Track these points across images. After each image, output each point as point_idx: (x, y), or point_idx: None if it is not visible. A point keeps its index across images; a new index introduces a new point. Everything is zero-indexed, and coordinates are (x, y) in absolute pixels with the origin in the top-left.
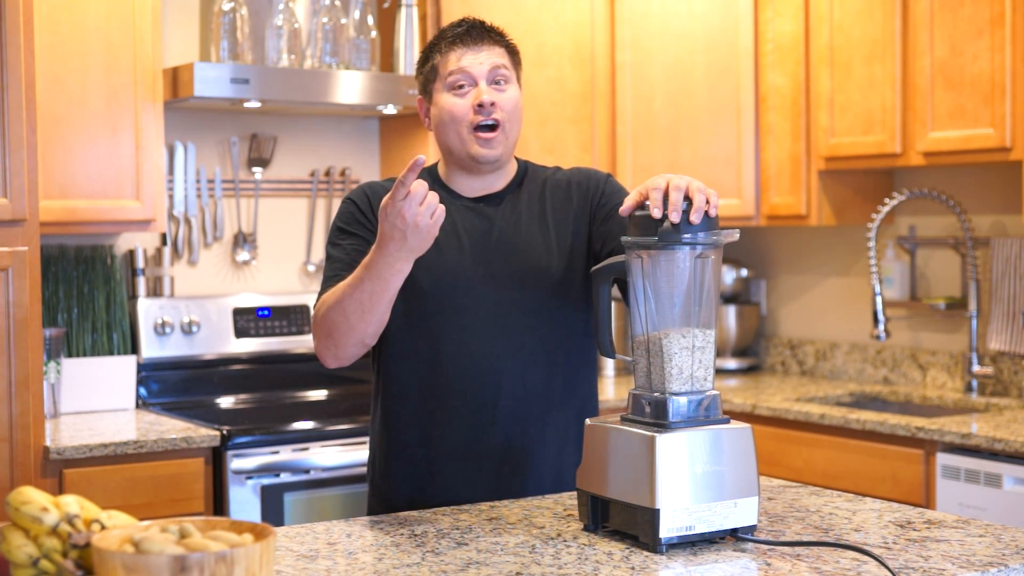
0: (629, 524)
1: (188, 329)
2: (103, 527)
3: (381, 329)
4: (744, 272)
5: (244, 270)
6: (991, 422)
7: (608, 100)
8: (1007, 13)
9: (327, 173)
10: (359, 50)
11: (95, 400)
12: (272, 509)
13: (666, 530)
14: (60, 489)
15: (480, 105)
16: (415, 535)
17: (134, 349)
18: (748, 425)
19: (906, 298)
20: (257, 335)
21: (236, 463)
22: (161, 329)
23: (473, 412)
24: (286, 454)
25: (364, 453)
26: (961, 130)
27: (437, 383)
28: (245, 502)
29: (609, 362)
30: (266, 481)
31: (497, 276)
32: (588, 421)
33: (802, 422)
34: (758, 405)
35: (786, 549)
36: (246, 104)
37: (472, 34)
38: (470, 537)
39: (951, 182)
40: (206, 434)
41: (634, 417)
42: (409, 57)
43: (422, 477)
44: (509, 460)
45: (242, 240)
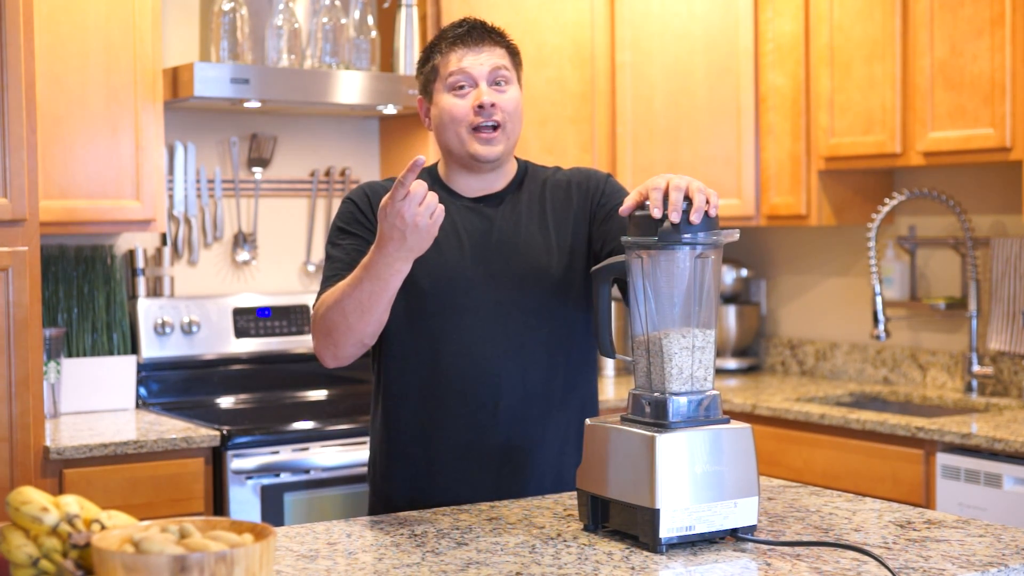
0: (629, 524)
1: (188, 329)
2: (103, 527)
3: (380, 329)
4: (744, 272)
5: (244, 270)
6: (991, 422)
7: (608, 100)
8: (1007, 13)
9: (327, 173)
10: (359, 50)
11: (95, 400)
12: (272, 509)
13: (666, 530)
14: (60, 489)
15: (480, 106)
16: (415, 535)
17: (134, 349)
18: (748, 425)
19: (906, 298)
20: (257, 335)
21: (236, 463)
22: (161, 329)
23: (473, 412)
24: (286, 454)
25: (364, 453)
26: (961, 130)
27: (437, 383)
28: (245, 502)
29: (609, 362)
30: (266, 481)
31: (497, 276)
32: (588, 421)
33: (802, 422)
34: (758, 405)
35: (786, 549)
36: (246, 104)
37: (473, 35)
38: (470, 537)
39: (951, 182)
40: (206, 434)
41: (634, 417)
42: (409, 57)
43: (422, 477)
44: (509, 460)
45: (242, 240)
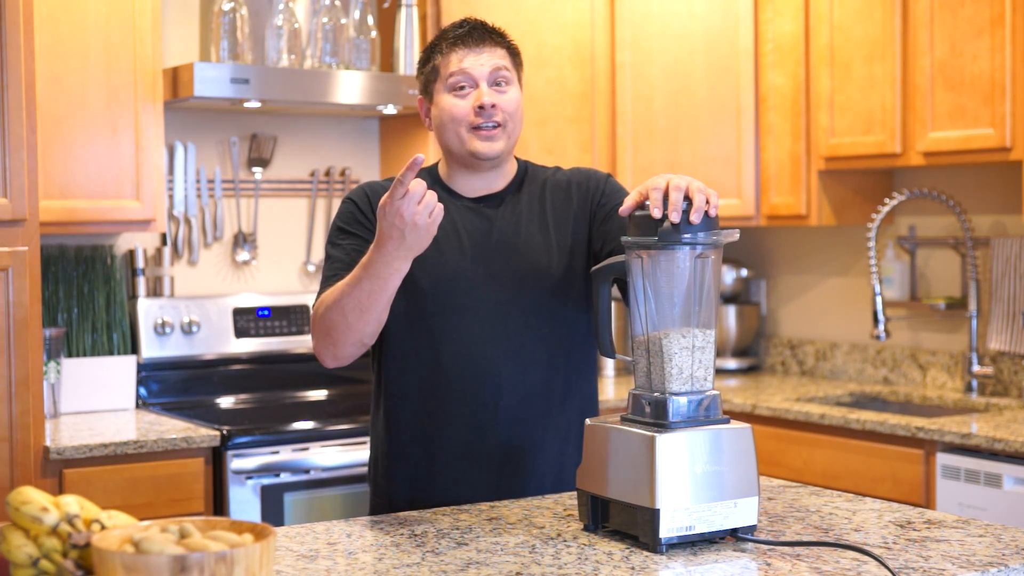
0: (629, 524)
1: (188, 329)
2: (103, 527)
3: (379, 329)
4: (744, 272)
5: (244, 270)
6: (991, 422)
7: (608, 100)
8: (1007, 13)
9: (327, 173)
10: (359, 50)
11: (95, 400)
12: (272, 509)
13: (666, 530)
14: (60, 489)
15: (481, 107)
16: (415, 535)
17: (134, 349)
18: (748, 425)
19: (906, 298)
20: (257, 335)
21: (236, 463)
22: (161, 329)
23: (473, 412)
24: (286, 454)
25: (364, 453)
26: (961, 130)
27: (437, 383)
28: (245, 502)
29: (609, 362)
30: (266, 481)
31: (497, 276)
32: (588, 421)
33: (802, 422)
34: (758, 405)
35: (786, 549)
36: (246, 104)
37: (473, 35)
38: (470, 537)
39: (951, 182)
40: (206, 434)
41: (634, 417)
42: (409, 57)
43: (422, 477)
44: (510, 460)
45: (242, 240)
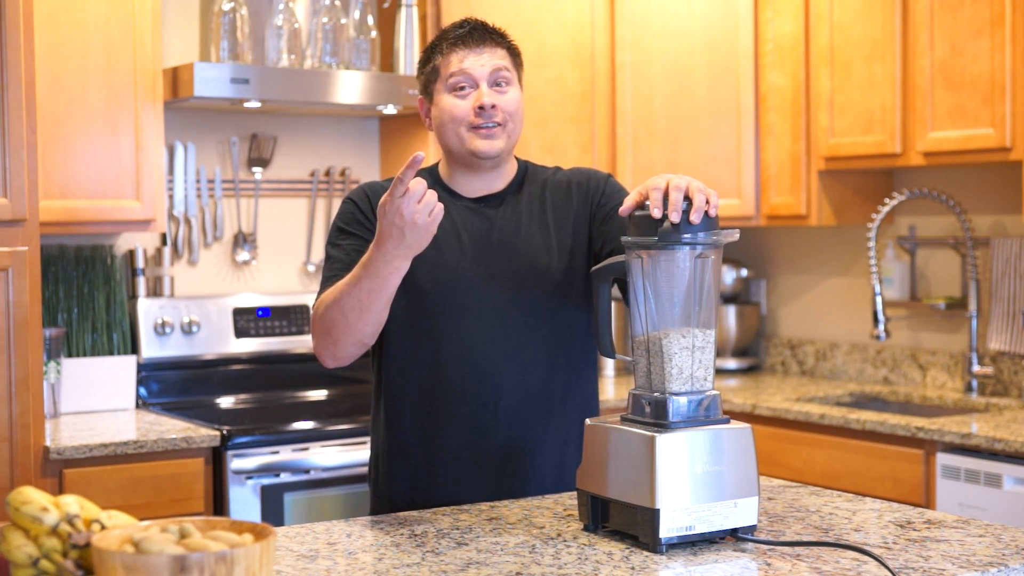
0: (629, 524)
1: (188, 329)
2: (103, 527)
3: (379, 329)
4: (744, 272)
5: (244, 270)
6: (991, 422)
7: (608, 100)
8: (1007, 13)
9: (327, 173)
10: (359, 50)
11: (95, 400)
12: (272, 509)
13: (666, 530)
14: (60, 489)
15: (481, 107)
16: (415, 535)
17: (134, 349)
18: (748, 425)
19: (906, 298)
20: (257, 335)
21: (236, 463)
22: (161, 329)
23: (474, 412)
24: (286, 454)
25: (364, 453)
26: (961, 130)
27: (437, 383)
28: (245, 502)
29: (609, 362)
30: (266, 481)
31: (498, 276)
32: (588, 421)
33: (802, 422)
34: (758, 405)
35: (786, 549)
36: (246, 104)
37: (474, 35)
38: (470, 537)
39: (951, 182)
40: (206, 434)
41: (634, 417)
42: (409, 57)
43: (423, 477)
44: (510, 460)
45: (242, 240)
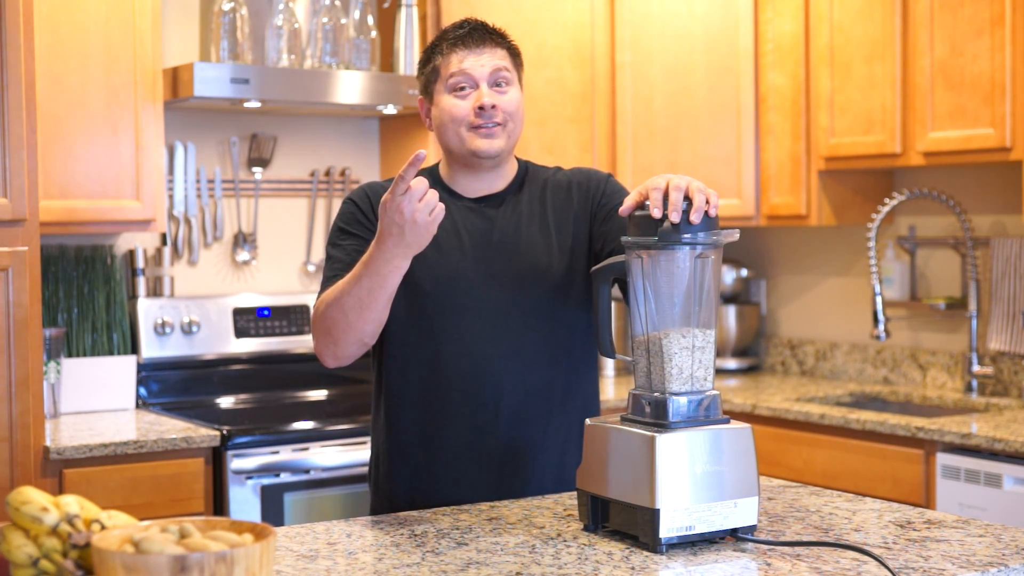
0: (629, 524)
1: (188, 329)
2: (103, 527)
3: (380, 329)
4: (744, 272)
5: (244, 270)
6: (991, 422)
7: (608, 100)
8: (1007, 13)
9: (327, 173)
10: (359, 50)
11: (95, 400)
12: (272, 509)
13: (666, 530)
14: (60, 489)
15: (481, 108)
16: (415, 535)
17: (134, 349)
18: (748, 425)
19: (906, 298)
20: (257, 335)
21: (236, 463)
22: (161, 329)
23: (474, 412)
24: (286, 454)
25: (364, 453)
26: (961, 130)
27: (438, 383)
28: (245, 502)
29: (609, 362)
30: (266, 481)
31: (498, 276)
32: (588, 421)
33: (802, 422)
34: (758, 405)
35: (786, 549)
36: (246, 104)
37: (474, 36)
38: (470, 537)
39: (951, 182)
40: (206, 434)
41: (634, 417)
42: (409, 57)
43: (423, 477)
44: (510, 461)
45: (242, 240)
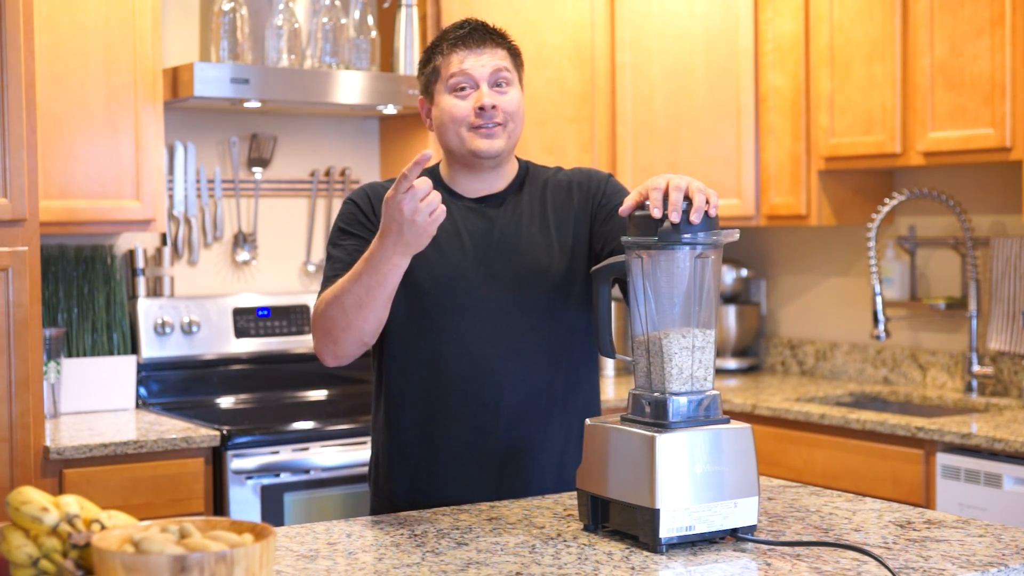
0: (629, 524)
1: (188, 329)
2: (103, 527)
3: (379, 328)
4: (744, 272)
5: (244, 270)
6: (991, 422)
7: (608, 100)
8: (1007, 13)
9: (327, 173)
10: (359, 50)
11: (95, 400)
12: (272, 509)
13: (666, 530)
14: (60, 489)
15: (481, 108)
16: (415, 535)
17: (134, 349)
18: (748, 425)
19: (906, 298)
20: (257, 335)
21: (236, 463)
22: (161, 329)
23: (474, 412)
24: (286, 454)
25: (364, 453)
26: (961, 130)
27: (438, 383)
28: (245, 502)
29: (609, 362)
30: (266, 481)
31: (498, 277)
32: (588, 421)
33: (802, 422)
34: (758, 405)
35: (786, 549)
36: (246, 104)
37: (474, 36)
38: (470, 537)
39: (951, 182)
40: (206, 434)
41: (634, 417)
42: (409, 57)
43: (423, 477)
44: (511, 461)
45: (242, 240)
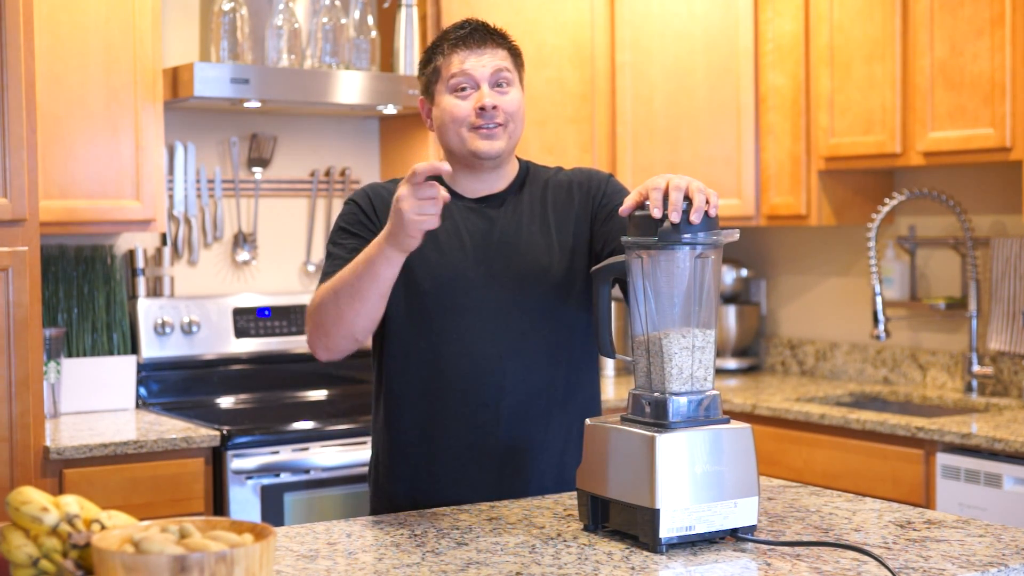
0: (629, 524)
1: (188, 329)
2: (103, 527)
3: (372, 326)
4: (744, 272)
5: (244, 270)
6: (991, 422)
7: (608, 100)
8: (1007, 13)
9: (327, 173)
10: (359, 50)
11: (95, 400)
12: (272, 509)
13: (666, 530)
14: (60, 489)
15: (482, 108)
16: (415, 535)
17: (134, 349)
18: (748, 425)
19: (906, 298)
20: (257, 335)
21: (236, 463)
22: (161, 329)
23: (474, 412)
24: (286, 454)
25: (364, 453)
26: (961, 130)
27: (438, 383)
28: (245, 502)
29: (609, 362)
30: (266, 481)
31: (499, 277)
32: (588, 421)
33: (802, 422)
34: (758, 405)
35: (786, 549)
36: (246, 104)
37: (475, 36)
38: (470, 537)
39: (951, 182)
40: (206, 434)
41: (634, 417)
42: (409, 57)
43: (423, 477)
44: (511, 461)
45: (242, 240)
